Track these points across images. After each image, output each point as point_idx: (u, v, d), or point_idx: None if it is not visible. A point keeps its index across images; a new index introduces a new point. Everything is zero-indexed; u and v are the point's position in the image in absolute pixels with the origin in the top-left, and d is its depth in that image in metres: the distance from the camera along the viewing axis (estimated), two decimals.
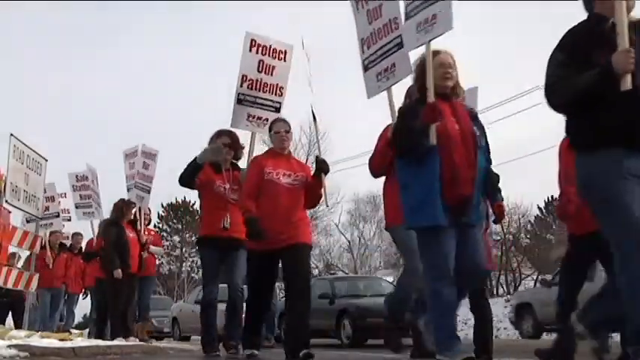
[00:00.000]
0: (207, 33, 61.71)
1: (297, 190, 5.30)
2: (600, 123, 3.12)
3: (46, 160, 9.27)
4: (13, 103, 57.21)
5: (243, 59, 6.47)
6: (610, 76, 3.00)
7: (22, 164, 8.53)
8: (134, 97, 64.03)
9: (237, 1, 57.24)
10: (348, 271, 37.40)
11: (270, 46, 6.54)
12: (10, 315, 12.08)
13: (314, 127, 6.20)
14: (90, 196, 11.26)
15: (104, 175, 11.45)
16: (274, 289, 5.60)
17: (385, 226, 5.25)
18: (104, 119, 62.46)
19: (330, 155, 25.87)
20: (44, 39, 66.48)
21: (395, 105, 5.03)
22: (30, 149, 8.74)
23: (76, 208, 11.40)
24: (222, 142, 6.01)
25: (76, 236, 11.89)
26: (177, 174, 5.91)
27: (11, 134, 8.30)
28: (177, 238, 47.78)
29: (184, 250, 47.46)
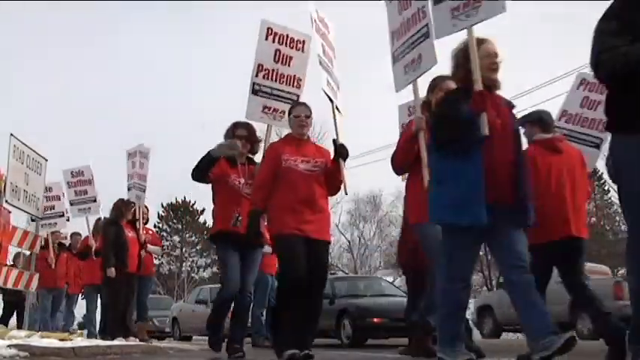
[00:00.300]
0: (206, 33, 61.74)
1: (317, 177, 5.00)
2: None
3: (46, 160, 9.27)
4: (13, 103, 57.24)
5: (258, 48, 6.16)
6: None
7: (22, 164, 8.53)
8: (134, 97, 64.07)
9: (237, 1, 57.28)
10: (348, 271, 37.44)
11: (288, 36, 6.23)
12: (15, 315, 12.11)
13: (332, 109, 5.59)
14: (85, 192, 11.19)
15: (104, 175, 11.43)
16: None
17: (411, 222, 5.05)
18: (104, 119, 62.51)
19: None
20: (45, 38, 66.55)
21: (420, 98, 4.84)
22: (30, 149, 8.74)
23: (71, 204, 11.19)
24: (238, 135, 5.72)
25: (75, 236, 11.85)
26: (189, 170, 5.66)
27: (11, 134, 8.31)
28: (177, 238, 47.83)
29: (184, 250, 47.48)
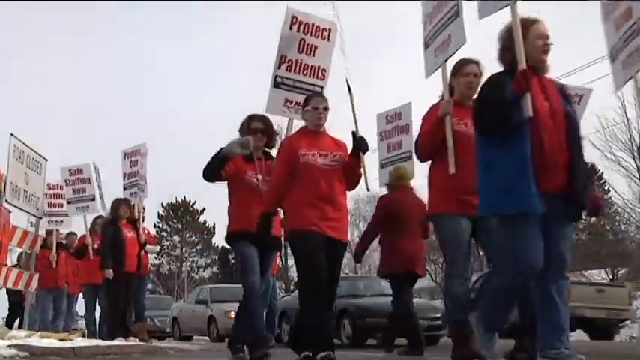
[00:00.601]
0: (207, 33, 61.74)
1: (336, 172, 4.74)
2: None
3: (46, 160, 9.29)
4: (13, 103, 57.22)
5: (282, 38, 5.91)
6: None
7: (22, 164, 8.54)
8: (134, 97, 64.07)
9: (237, 1, 57.28)
10: (348, 271, 37.39)
11: (313, 24, 5.94)
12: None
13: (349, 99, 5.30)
14: (84, 190, 11.14)
15: (104, 175, 11.36)
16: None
17: (428, 212, 4.79)
18: (104, 119, 62.51)
19: None
20: (45, 38, 66.52)
21: (448, 81, 4.66)
22: (30, 149, 8.75)
23: (69, 203, 11.08)
24: (254, 128, 5.39)
25: (71, 236, 11.81)
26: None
27: (11, 134, 8.32)
28: (177, 238, 47.79)
29: (184, 250, 47.46)
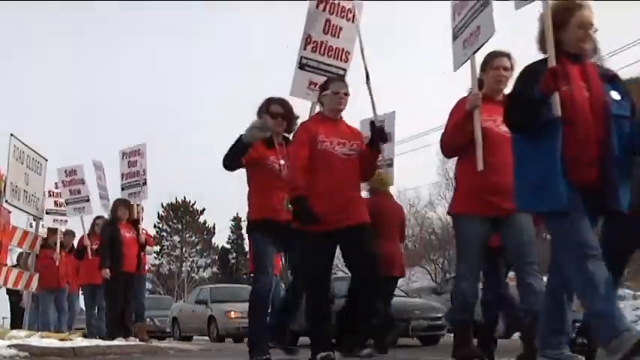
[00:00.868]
0: (207, 33, 61.75)
1: (354, 162, 4.54)
2: None
3: (46, 160, 9.29)
4: (13, 103, 57.24)
5: (308, 17, 5.75)
6: None
7: (22, 164, 8.54)
8: (134, 97, 64.09)
9: (237, 1, 57.29)
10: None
11: (339, 4, 5.80)
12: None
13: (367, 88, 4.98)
14: (79, 191, 11.10)
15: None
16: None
17: (451, 210, 4.57)
18: (104, 119, 62.53)
19: None
20: (45, 38, 66.55)
21: (477, 73, 4.49)
22: (30, 149, 8.75)
23: (67, 204, 11.13)
24: (272, 112, 5.10)
25: (67, 236, 11.80)
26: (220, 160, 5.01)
27: (11, 134, 8.33)
28: (177, 238, 47.80)
29: (184, 250, 47.47)
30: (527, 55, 3.67)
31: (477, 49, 4.46)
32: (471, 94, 4.35)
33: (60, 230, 10.93)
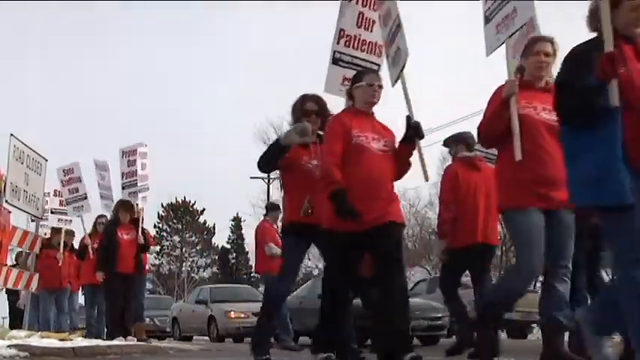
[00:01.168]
0: (207, 33, 61.74)
1: (389, 159, 4.32)
2: None
3: (46, 160, 9.27)
4: (13, 103, 57.23)
5: (342, 11, 5.59)
6: None
7: (22, 164, 8.53)
8: (134, 97, 64.09)
9: (237, 1, 57.26)
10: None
11: None
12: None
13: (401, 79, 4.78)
14: (77, 190, 11.00)
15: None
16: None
17: (499, 209, 4.31)
18: (104, 119, 62.52)
19: None
20: (45, 38, 66.53)
21: (511, 61, 4.26)
22: (30, 149, 8.74)
23: (67, 204, 11.05)
24: (307, 109, 4.88)
25: (67, 235, 11.77)
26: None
27: (11, 134, 8.31)
28: (177, 238, 47.81)
29: (184, 250, 47.47)
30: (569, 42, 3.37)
31: (513, 32, 4.21)
32: (507, 80, 4.14)
33: (62, 230, 10.92)
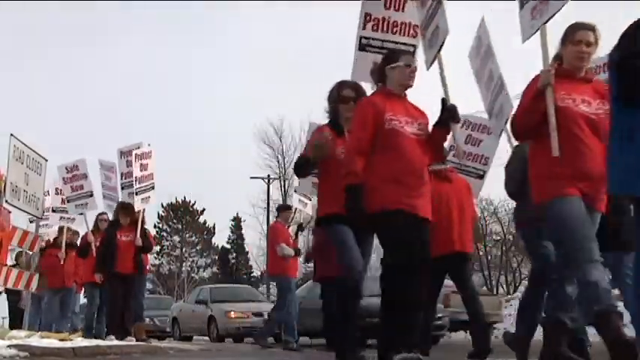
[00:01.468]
0: (207, 33, 61.77)
1: (425, 143, 4.09)
2: None
3: (46, 160, 9.27)
4: (13, 103, 57.24)
5: None
6: None
7: (22, 164, 8.53)
8: (134, 97, 64.12)
9: (237, 1, 57.28)
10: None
11: None
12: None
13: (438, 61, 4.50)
14: (81, 187, 10.96)
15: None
16: None
17: (535, 201, 3.91)
18: (104, 119, 62.53)
19: None
20: (45, 38, 66.57)
21: (549, 47, 3.98)
22: (30, 149, 8.74)
23: (68, 201, 11.05)
24: (344, 96, 4.66)
25: (72, 234, 11.79)
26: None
27: (11, 134, 8.31)
28: (177, 238, 47.79)
29: (184, 250, 47.46)
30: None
31: (549, 17, 3.92)
32: (542, 70, 3.86)
33: (65, 229, 10.91)
